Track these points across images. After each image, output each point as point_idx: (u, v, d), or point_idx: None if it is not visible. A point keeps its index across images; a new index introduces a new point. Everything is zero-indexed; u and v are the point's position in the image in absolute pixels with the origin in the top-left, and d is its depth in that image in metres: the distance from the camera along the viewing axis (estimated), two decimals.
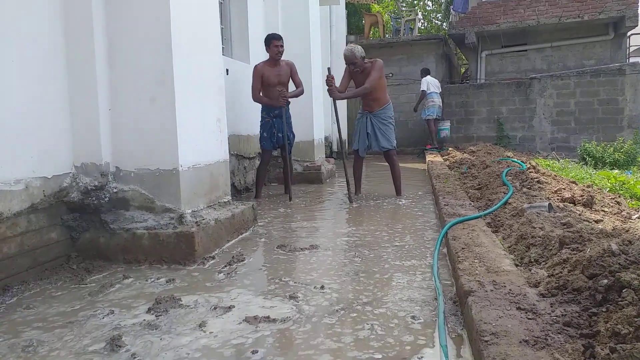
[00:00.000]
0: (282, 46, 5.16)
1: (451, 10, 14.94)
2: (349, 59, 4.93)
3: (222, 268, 2.81)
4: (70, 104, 3.00)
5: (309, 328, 1.96)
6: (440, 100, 11.00)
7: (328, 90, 4.94)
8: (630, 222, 3.18)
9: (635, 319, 1.39)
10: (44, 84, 2.83)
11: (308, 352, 1.76)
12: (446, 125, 11.15)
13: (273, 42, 5.13)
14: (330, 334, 1.90)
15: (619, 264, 1.78)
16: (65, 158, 2.99)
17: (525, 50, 12.52)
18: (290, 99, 5.34)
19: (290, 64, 5.35)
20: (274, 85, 5.19)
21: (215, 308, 2.19)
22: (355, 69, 4.95)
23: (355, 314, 2.09)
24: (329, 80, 4.87)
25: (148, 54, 2.99)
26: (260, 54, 6.28)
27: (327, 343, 1.82)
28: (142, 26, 2.99)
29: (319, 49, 7.39)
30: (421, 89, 10.73)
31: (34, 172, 2.73)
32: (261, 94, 5.23)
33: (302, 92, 5.42)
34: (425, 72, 11.12)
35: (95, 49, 2.95)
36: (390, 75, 12.43)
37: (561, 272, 1.98)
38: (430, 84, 10.78)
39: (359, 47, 5.00)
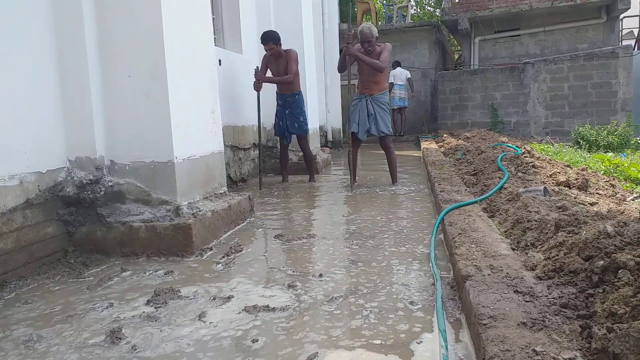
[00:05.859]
0: (270, 48, 5.33)
1: None
2: (366, 37, 4.86)
3: (220, 259, 2.82)
4: (63, 99, 2.97)
5: (309, 316, 1.97)
6: (403, 91, 11.79)
7: (345, 46, 4.81)
8: (625, 204, 3.20)
9: (632, 299, 1.41)
10: (35, 79, 2.79)
11: (308, 339, 1.77)
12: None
13: (264, 46, 5.37)
14: (330, 321, 1.91)
15: (615, 245, 1.79)
16: (59, 152, 2.97)
17: (519, 35, 12.48)
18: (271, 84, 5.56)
19: (289, 52, 5.43)
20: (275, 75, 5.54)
21: (214, 298, 2.20)
22: (369, 48, 4.90)
23: (354, 301, 2.10)
24: (348, 37, 4.76)
25: (140, 46, 2.95)
26: (252, 44, 6.24)
27: (326, 330, 1.83)
28: (133, 18, 2.94)
29: (312, 37, 7.33)
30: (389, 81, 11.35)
31: (28, 167, 2.71)
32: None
33: (283, 81, 5.42)
34: (396, 64, 11.83)
35: (86, 42, 2.92)
36: None
37: (557, 255, 1.99)
38: (395, 76, 11.54)
39: (374, 27, 4.99)
